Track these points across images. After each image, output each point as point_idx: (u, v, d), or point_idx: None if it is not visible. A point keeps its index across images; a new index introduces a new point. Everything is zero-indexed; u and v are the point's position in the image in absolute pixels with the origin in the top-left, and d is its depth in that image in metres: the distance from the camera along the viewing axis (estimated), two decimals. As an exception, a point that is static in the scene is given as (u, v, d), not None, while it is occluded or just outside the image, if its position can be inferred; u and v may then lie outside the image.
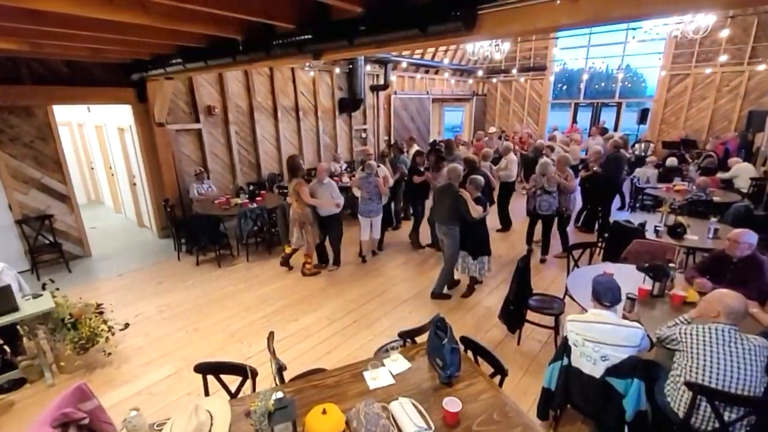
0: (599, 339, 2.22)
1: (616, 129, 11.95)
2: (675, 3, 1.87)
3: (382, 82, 10.00)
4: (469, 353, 2.36)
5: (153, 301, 4.67)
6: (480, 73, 12.59)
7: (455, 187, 4.34)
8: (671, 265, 3.14)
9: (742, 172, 6.67)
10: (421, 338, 2.46)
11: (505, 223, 6.88)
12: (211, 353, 3.65)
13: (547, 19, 2.21)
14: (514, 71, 12.92)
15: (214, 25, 3.24)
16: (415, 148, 7.59)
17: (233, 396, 2.22)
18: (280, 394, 1.78)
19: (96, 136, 8.02)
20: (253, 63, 4.03)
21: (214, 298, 4.74)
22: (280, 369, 2.28)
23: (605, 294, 2.31)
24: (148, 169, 6.39)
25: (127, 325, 3.88)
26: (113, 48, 4.23)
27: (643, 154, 9.23)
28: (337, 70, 8.77)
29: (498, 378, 2.17)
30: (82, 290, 4.78)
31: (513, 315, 3.67)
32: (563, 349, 2.43)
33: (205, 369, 2.25)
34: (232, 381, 2.25)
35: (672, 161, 8.03)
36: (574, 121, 13.13)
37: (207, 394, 2.29)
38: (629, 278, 3.09)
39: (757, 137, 8.88)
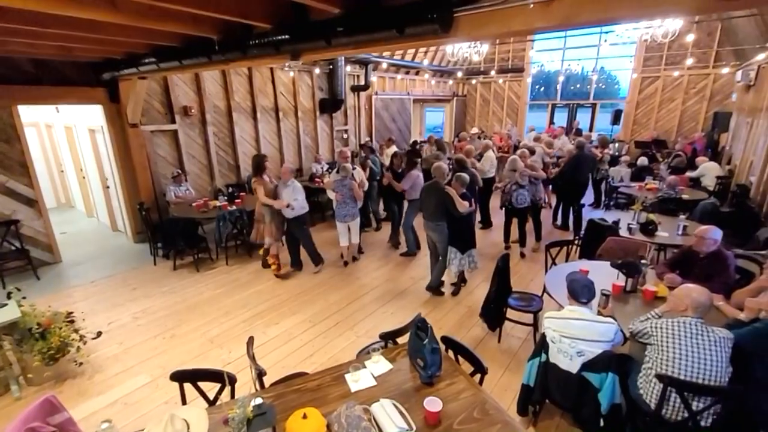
0: (576, 335, 2.28)
1: (591, 129, 12.30)
2: (639, 8, 1.94)
3: (362, 82, 9.99)
4: (450, 353, 2.39)
5: (128, 307, 4.53)
6: (459, 74, 12.73)
7: (441, 185, 4.42)
8: (643, 261, 3.25)
9: (709, 171, 6.96)
10: (403, 339, 2.47)
11: (486, 220, 6.98)
12: (190, 360, 3.57)
13: (522, 22, 2.26)
14: (493, 72, 13.13)
15: (188, 24, 3.17)
16: (394, 149, 7.60)
17: (211, 403, 2.17)
18: (259, 400, 1.75)
19: (66, 137, 7.71)
20: (229, 63, 3.96)
21: (192, 303, 4.63)
22: (260, 374, 2.25)
23: (582, 291, 2.38)
24: (121, 172, 6.19)
25: (99, 334, 3.76)
26: (83, 46, 4.07)
27: (617, 153, 9.53)
28: (317, 70, 8.70)
29: (478, 376, 2.20)
30: (51, 298, 4.60)
31: (493, 313, 3.74)
32: (541, 345, 2.49)
33: (181, 377, 2.20)
34: (211, 388, 2.20)
35: (643, 161, 8.32)
36: (552, 121, 13.44)
37: (184, 402, 2.24)
38: (603, 274, 3.18)
39: (722, 137, 9.31)
